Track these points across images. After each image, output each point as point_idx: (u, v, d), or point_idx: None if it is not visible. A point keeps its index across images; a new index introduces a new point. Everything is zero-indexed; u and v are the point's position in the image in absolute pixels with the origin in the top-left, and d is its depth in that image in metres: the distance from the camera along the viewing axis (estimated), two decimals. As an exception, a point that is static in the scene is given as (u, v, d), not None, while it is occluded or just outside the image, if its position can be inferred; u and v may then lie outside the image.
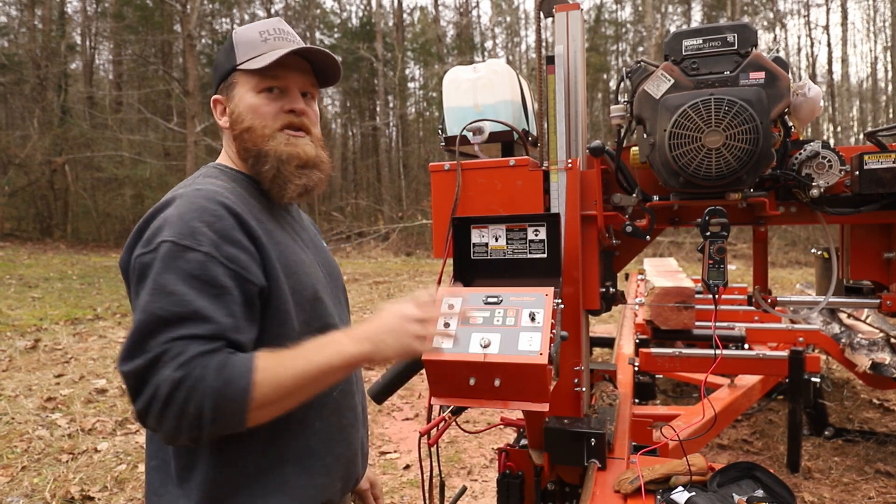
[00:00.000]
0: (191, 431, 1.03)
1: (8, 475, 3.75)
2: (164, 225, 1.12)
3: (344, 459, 1.34)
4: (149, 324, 1.04)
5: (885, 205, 1.94)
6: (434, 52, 29.75)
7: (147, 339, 1.04)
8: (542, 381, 1.40)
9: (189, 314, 1.05)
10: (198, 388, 1.01)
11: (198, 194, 1.17)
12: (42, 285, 11.91)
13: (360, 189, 29.37)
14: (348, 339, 1.15)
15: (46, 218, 23.52)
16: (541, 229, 1.66)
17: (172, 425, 1.02)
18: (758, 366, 3.60)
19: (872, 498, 3.45)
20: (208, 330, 1.06)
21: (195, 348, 1.04)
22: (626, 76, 2.06)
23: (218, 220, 1.13)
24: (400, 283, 13.88)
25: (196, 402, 1.01)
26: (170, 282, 1.06)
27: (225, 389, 1.03)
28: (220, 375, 1.03)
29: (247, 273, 1.14)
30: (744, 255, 15.35)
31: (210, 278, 1.09)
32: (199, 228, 1.11)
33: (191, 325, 1.05)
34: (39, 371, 6.06)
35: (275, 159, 1.29)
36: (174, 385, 1.01)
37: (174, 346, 1.03)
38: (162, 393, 1.01)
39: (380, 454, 4.22)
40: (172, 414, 1.01)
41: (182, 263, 1.08)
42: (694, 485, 1.64)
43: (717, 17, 26.11)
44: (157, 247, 1.09)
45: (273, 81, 1.30)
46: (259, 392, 1.05)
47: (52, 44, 23.91)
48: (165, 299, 1.05)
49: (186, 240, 1.09)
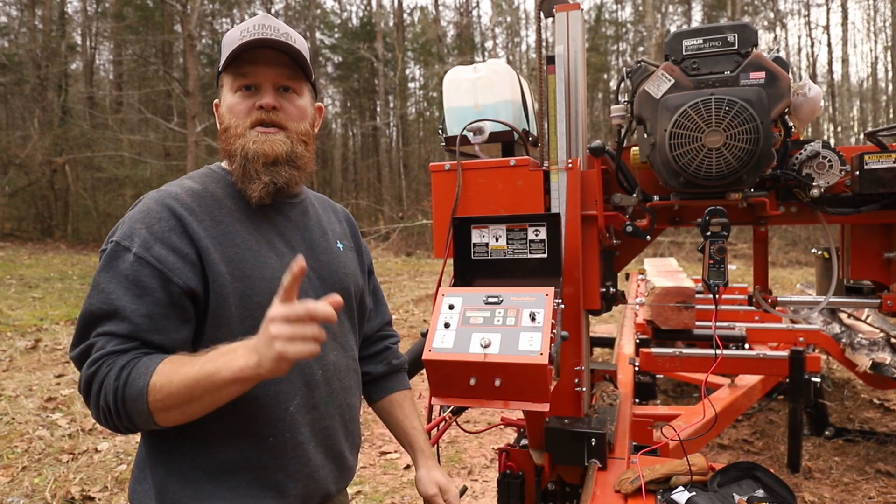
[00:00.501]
0: (107, 421, 1.13)
1: (8, 475, 3.75)
2: (119, 226, 1.20)
3: (302, 476, 1.27)
4: (84, 316, 1.15)
5: (885, 204, 1.94)
6: (434, 52, 29.75)
7: (83, 329, 1.16)
8: (542, 381, 1.40)
9: (111, 312, 1.13)
10: (103, 385, 1.10)
11: (154, 196, 1.24)
12: (42, 285, 11.92)
13: (361, 189, 29.38)
14: (242, 350, 1.03)
15: (47, 218, 23.53)
16: (541, 229, 1.66)
17: (94, 414, 1.14)
18: (758, 366, 3.59)
19: (873, 498, 3.45)
20: (124, 329, 1.13)
21: (110, 346, 1.12)
22: (627, 76, 2.06)
23: (157, 223, 1.18)
24: (400, 283, 13.88)
25: (104, 397, 1.10)
26: (104, 280, 1.15)
27: (123, 389, 1.08)
28: (121, 375, 1.09)
29: (173, 275, 1.15)
30: (744, 254, 15.35)
31: (135, 279, 1.14)
32: (139, 230, 1.17)
33: (111, 322, 1.13)
34: (40, 371, 6.06)
35: (242, 157, 1.25)
36: (88, 379, 1.12)
37: (97, 341, 1.13)
38: (81, 384, 1.15)
39: (380, 454, 4.22)
40: (92, 403, 1.13)
41: (119, 263, 1.15)
42: (694, 485, 1.64)
43: (717, 17, 26.11)
44: (106, 246, 1.19)
45: (244, 79, 1.27)
46: (153, 395, 1.07)
47: (53, 44, 23.91)
48: (97, 296, 1.14)
49: (126, 241, 1.16)
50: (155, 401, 1.07)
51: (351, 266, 1.49)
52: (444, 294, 1.59)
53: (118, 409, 1.09)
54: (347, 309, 1.46)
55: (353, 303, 1.48)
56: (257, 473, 1.23)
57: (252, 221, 1.28)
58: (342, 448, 1.39)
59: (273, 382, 1.21)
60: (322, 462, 1.32)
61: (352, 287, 1.47)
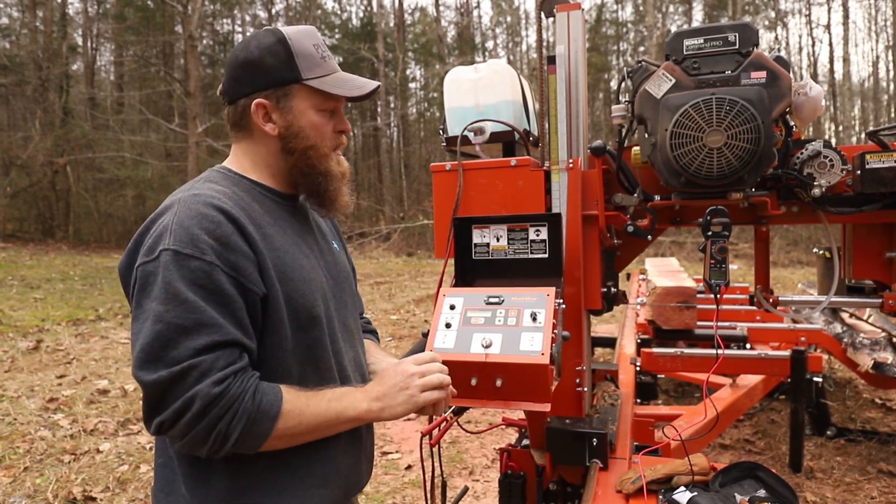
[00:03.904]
0: (214, 447, 1.06)
1: (10, 476, 3.75)
2: (164, 233, 1.11)
3: (345, 469, 1.33)
4: (166, 333, 1.05)
5: (886, 204, 1.94)
6: (435, 52, 29.76)
7: (167, 348, 1.04)
8: (543, 382, 1.40)
9: (205, 321, 1.06)
10: (232, 408, 1.05)
11: (195, 199, 1.15)
12: (44, 286, 11.93)
13: (362, 189, 29.38)
14: (363, 396, 1.21)
15: (48, 219, 23.56)
16: (542, 229, 1.66)
17: (199, 439, 1.05)
18: (760, 365, 3.59)
19: (875, 498, 3.44)
20: (227, 337, 1.08)
21: (227, 362, 1.07)
22: (628, 76, 2.05)
23: (217, 227, 1.12)
24: (401, 283, 13.88)
25: (228, 421, 1.05)
26: (181, 290, 1.06)
27: (257, 415, 1.08)
28: (255, 399, 1.08)
29: (248, 281, 1.13)
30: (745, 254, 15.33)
31: (215, 287, 1.09)
32: (200, 236, 1.10)
33: (209, 333, 1.06)
34: (41, 372, 6.06)
35: (323, 176, 1.32)
36: (211, 400, 1.04)
37: (207, 359, 1.05)
38: (196, 407, 1.03)
39: (381, 454, 4.22)
40: (202, 428, 1.04)
41: (185, 272, 1.07)
42: (696, 485, 1.64)
43: (718, 16, 26.08)
44: (158, 255, 1.09)
45: (336, 104, 1.34)
46: (282, 424, 1.11)
47: (54, 45, 23.94)
48: (179, 307, 1.06)
49: (188, 248, 1.09)
50: (283, 428, 1.11)
51: (348, 263, 1.55)
52: (446, 294, 1.59)
53: (242, 434, 1.06)
54: (353, 305, 1.49)
55: (355, 300, 1.53)
56: (308, 469, 1.25)
57: (279, 226, 1.29)
58: (370, 440, 1.46)
59: (320, 382, 1.25)
60: (359, 455, 1.39)
61: (353, 284, 1.53)
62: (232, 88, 1.29)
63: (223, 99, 1.33)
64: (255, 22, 29.90)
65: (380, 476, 3.88)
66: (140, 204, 24.03)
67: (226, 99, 1.31)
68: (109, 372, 6.07)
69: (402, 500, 3.55)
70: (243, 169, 1.32)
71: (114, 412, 4.91)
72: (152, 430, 1.08)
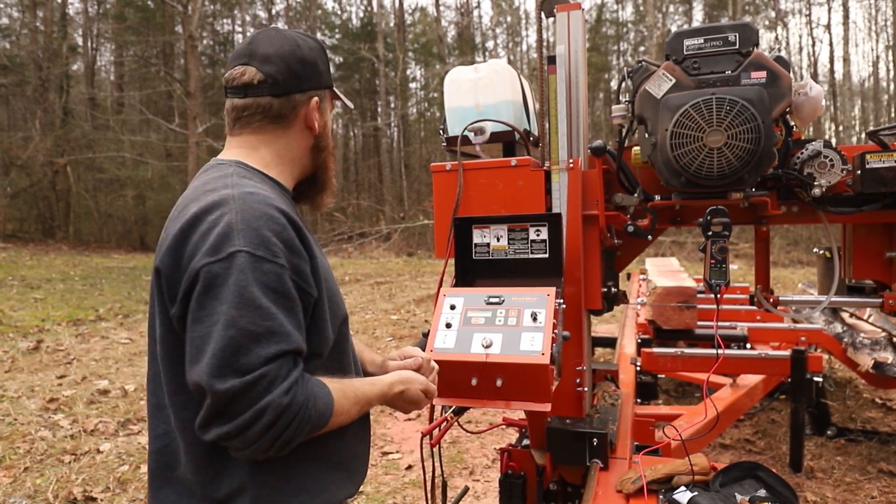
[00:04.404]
0: (276, 452, 1.07)
1: (10, 476, 3.75)
2: (230, 232, 1.08)
3: (364, 459, 1.39)
4: (239, 339, 1.02)
5: (887, 204, 1.94)
6: (435, 52, 29.76)
7: (238, 355, 1.02)
8: (544, 382, 1.41)
9: (276, 329, 1.06)
10: (298, 416, 1.06)
11: (254, 198, 1.14)
12: (44, 286, 11.93)
13: (362, 189, 29.39)
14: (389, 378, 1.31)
15: (48, 219, 23.57)
16: (542, 229, 1.66)
17: (264, 447, 1.05)
18: (760, 365, 3.59)
19: (875, 497, 3.44)
20: (292, 346, 1.08)
21: (288, 370, 1.06)
22: (628, 76, 2.06)
23: (283, 230, 1.12)
24: (402, 283, 13.88)
25: (294, 429, 1.06)
26: (256, 295, 1.05)
27: (318, 419, 1.10)
28: (317, 405, 1.09)
29: (306, 285, 1.15)
30: (746, 254, 15.33)
31: (284, 291, 1.09)
32: (270, 238, 1.09)
33: (276, 342, 1.05)
34: (42, 372, 6.06)
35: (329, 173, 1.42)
36: (282, 411, 1.03)
37: (273, 368, 1.04)
38: (268, 418, 1.02)
39: (382, 454, 4.22)
40: (270, 437, 1.04)
41: (259, 275, 1.06)
42: (696, 485, 1.64)
43: (718, 16, 26.08)
44: (229, 256, 1.06)
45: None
46: (334, 420, 1.14)
47: (54, 45, 23.95)
48: (254, 313, 1.04)
49: (260, 250, 1.07)
50: (333, 423, 1.14)
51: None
52: (446, 294, 1.59)
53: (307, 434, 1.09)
54: None
55: None
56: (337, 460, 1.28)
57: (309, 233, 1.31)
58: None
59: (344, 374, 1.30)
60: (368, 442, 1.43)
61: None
62: (289, 82, 1.29)
63: (269, 89, 1.28)
64: (255, 22, 29.92)
65: (380, 476, 3.88)
66: (140, 204, 24.05)
67: (276, 90, 1.28)
68: (110, 372, 6.07)
69: (403, 500, 3.55)
70: (264, 164, 1.30)
71: (114, 412, 4.91)
72: (212, 437, 1.05)
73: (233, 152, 1.31)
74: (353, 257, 20.91)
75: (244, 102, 1.29)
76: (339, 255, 21.14)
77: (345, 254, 21.40)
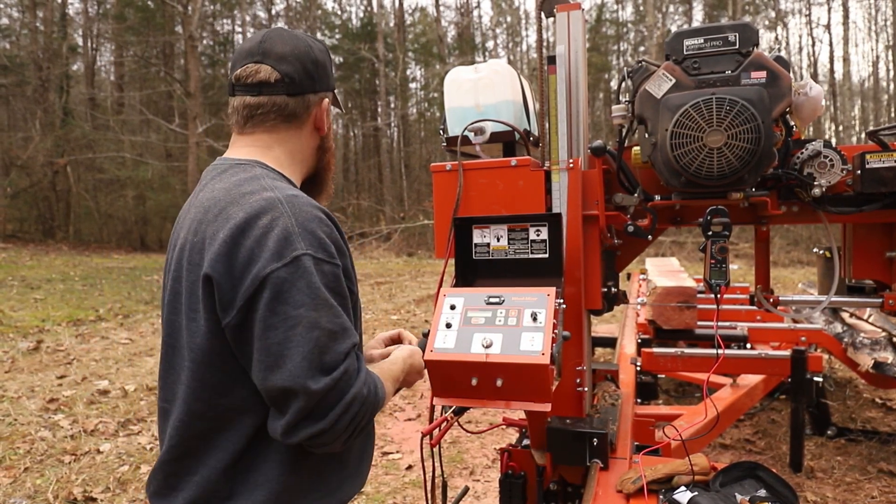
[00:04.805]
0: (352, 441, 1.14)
1: (11, 476, 3.75)
2: (289, 236, 1.09)
3: (370, 457, 1.41)
4: (322, 339, 1.07)
5: (887, 204, 1.94)
6: (435, 52, 29.76)
7: (323, 355, 1.06)
8: (544, 382, 1.40)
9: (346, 325, 1.12)
10: (374, 402, 1.14)
11: (300, 201, 1.15)
12: (44, 287, 11.93)
13: (362, 189, 29.39)
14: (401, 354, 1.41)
15: (49, 219, 23.57)
16: (542, 229, 1.66)
17: (346, 437, 1.11)
18: (760, 365, 3.59)
19: (875, 497, 3.44)
20: (357, 339, 1.15)
21: (360, 363, 1.14)
22: (628, 76, 2.05)
23: (332, 231, 1.16)
24: (402, 283, 13.88)
25: (370, 414, 1.14)
26: (326, 295, 1.09)
27: (381, 403, 1.17)
28: (378, 391, 1.17)
29: (351, 283, 1.20)
30: (746, 254, 15.33)
31: (341, 290, 1.15)
32: (324, 239, 1.13)
33: (347, 338, 1.11)
34: (42, 372, 6.06)
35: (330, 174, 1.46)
36: (364, 400, 1.11)
37: (351, 362, 1.10)
38: (354, 409, 1.09)
39: (382, 454, 4.22)
40: (353, 426, 1.10)
41: (321, 277, 1.10)
42: (696, 484, 1.64)
43: (718, 16, 26.08)
44: (294, 260, 1.07)
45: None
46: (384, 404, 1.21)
47: (54, 45, 23.95)
48: (329, 313, 1.09)
49: (321, 252, 1.11)
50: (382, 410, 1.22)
51: None
52: (446, 294, 1.59)
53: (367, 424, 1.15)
54: None
55: None
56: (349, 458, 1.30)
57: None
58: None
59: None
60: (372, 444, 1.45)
61: None
62: (305, 82, 1.30)
63: (286, 88, 1.27)
64: (255, 22, 29.92)
65: (380, 476, 3.88)
66: (140, 204, 24.04)
67: (292, 89, 1.28)
68: (110, 372, 6.07)
69: (403, 500, 3.55)
70: (278, 163, 1.30)
71: (114, 413, 4.91)
72: (301, 439, 1.07)
73: (246, 151, 1.30)
74: (354, 257, 20.85)
75: (258, 100, 1.27)
76: (340, 255, 21.10)
77: (345, 254, 21.37)
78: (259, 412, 1.15)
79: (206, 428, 1.16)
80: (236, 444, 1.15)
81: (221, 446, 1.16)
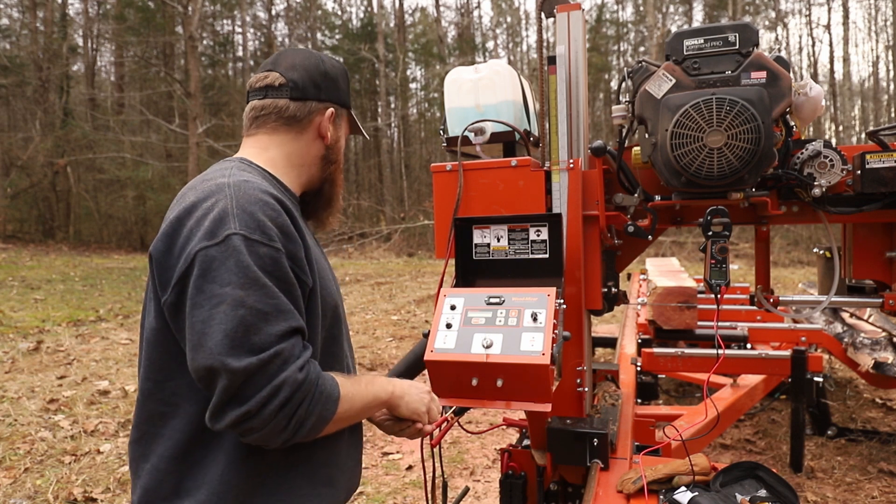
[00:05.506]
0: (289, 435, 1.06)
1: (11, 476, 3.75)
2: (225, 217, 1.08)
3: (347, 469, 1.35)
4: (249, 318, 1.03)
5: (887, 204, 1.94)
6: (435, 52, 29.76)
7: (250, 334, 1.02)
8: (544, 382, 1.40)
9: (283, 307, 1.07)
10: (311, 393, 1.07)
11: (248, 185, 1.15)
12: (44, 287, 11.94)
13: (362, 190, 29.39)
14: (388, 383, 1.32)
15: (49, 220, 23.57)
16: (543, 229, 1.66)
17: (280, 427, 1.04)
18: (760, 365, 3.59)
19: (875, 497, 3.44)
20: (300, 324, 1.09)
21: (301, 348, 1.08)
22: (628, 76, 2.06)
23: (279, 215, 1.13)
24: (402, 283, 13.88)
25: (307, 406, 1.06)
26: (259, 276, 1.05)
27: (328, 399, 1.10)
28: (326, 384, 1.10)
29: (301, 272, 1.15)
30: (746, 254, 15.34)
31: (282, 275, 1.10)
32: (265, 222, 1.10)
33: (283, 320, 1.06)
34: (42, 373, 6.06)
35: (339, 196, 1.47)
36: (297, 386, 1.04)
37: (287, 346, 1.05)
38: (284, 394, 1.03)
39: (382, 455, 4.22)
40: (285, 415, 1.04)
41: (256, 258, 1.06)
42: (697, 485, 1.64)
43: (718, 16, 26.08)
44: (225, 239, 1.06)
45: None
46: (341, 408, 1.13)
47: (54, 46, 23.96)
48: (259, 292, 1.04)
49: (256, 234, 1.08)
50: (341, 412, 1.13)
51: None
52: (446, 294, 1.59)
53: (316, 417, 1.08)
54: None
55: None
56: (312, 468, 1.26)
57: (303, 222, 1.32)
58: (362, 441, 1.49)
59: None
60: (358, 458, 1.42)
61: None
62: (308, 88, 1.35)
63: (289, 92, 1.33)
64: (255, 22, 29.93)
65: (381, 476, 3.88)
66: (140, 205, 24.04)
67: (295, 94, 1.33)
68: (110, 373, 6.07)
69: (403, 501, 3.55)
70: (271, 163, 1.33)
71: (114, 413, 4.91)
72: (227, 423, 1.03)
73: (245, 151, 1.36)
74: (354, 258, 20.92)
75: (262, 103, 1.34)
76: (340, 255, 21.15)
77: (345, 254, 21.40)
78: (202, 401, 1.11)
79: (157, 412, 1.17)
80: (181, 432, 1.14)
81: (167, 434, 1.16)
